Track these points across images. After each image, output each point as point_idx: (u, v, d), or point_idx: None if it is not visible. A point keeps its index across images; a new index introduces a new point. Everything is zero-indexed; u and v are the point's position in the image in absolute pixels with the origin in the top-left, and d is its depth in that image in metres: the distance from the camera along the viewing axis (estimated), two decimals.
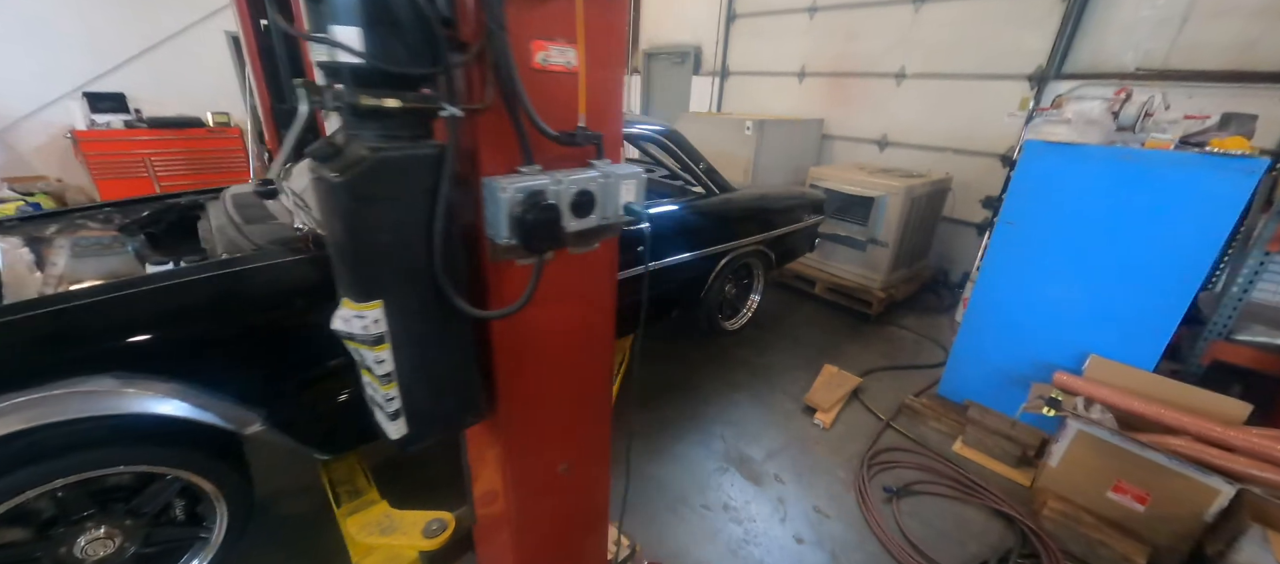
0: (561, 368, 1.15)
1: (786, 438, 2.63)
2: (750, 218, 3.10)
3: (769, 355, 3.40)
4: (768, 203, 3.24)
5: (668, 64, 7.31)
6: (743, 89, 6.25)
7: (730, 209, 2.96)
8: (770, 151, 4.71)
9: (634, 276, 2.44)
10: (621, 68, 1.02)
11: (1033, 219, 2.37)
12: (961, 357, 2.76)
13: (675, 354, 3.32)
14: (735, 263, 3.13)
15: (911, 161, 4.81)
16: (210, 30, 6.24)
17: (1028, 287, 2.44)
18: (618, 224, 1.07)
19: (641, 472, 2.33)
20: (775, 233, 3.30)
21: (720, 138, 4.87)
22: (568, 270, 1.05)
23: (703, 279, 2.94)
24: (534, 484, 1.23)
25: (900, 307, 4.23)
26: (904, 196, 3.75)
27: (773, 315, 3.99)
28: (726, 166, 4.79)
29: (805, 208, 3.60)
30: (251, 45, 2.98)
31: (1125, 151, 2.09)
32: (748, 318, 3.56)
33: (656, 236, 2.51)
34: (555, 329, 1.09)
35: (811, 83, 5.51)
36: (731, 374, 3.15)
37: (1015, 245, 2.45)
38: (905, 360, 3.45)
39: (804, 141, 5.17)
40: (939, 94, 4.59)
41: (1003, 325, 2.56)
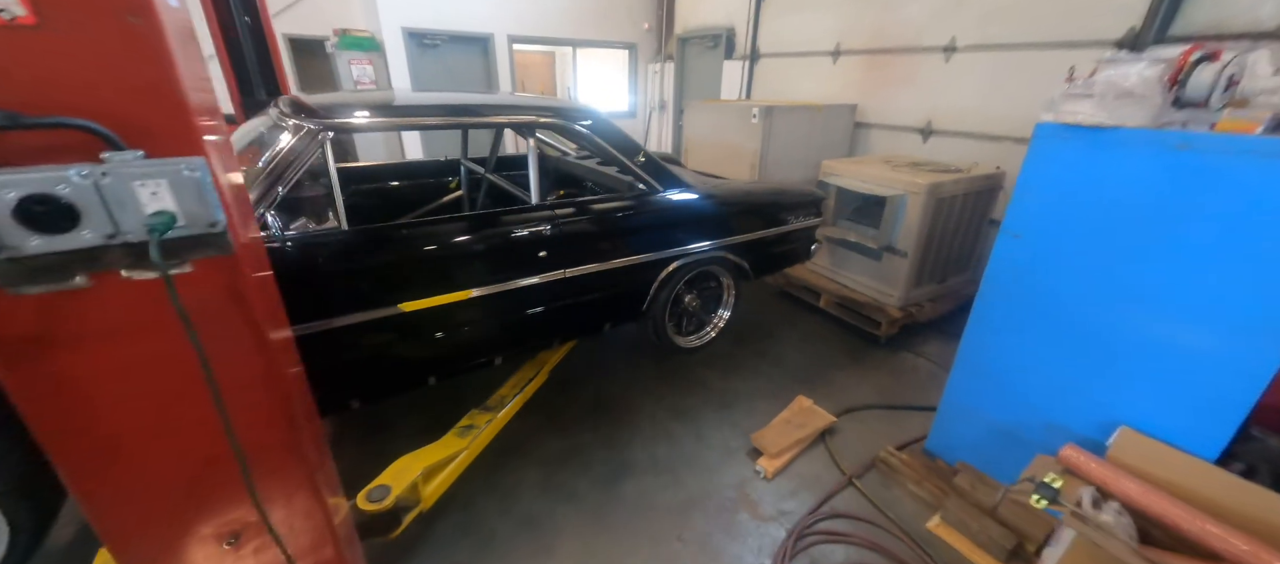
0: (166, 425, 0.89)
1: (713, 485, 2.19)
2: (704, 220, 2.65)
3: (737, 379, 2.93)
4: (731, 203, 2.75)
5: (701, 49, 6.81)
6: (773, 73, 5.62)
7: (675, 210, 2.53)
8: (783, 142, 4.13)
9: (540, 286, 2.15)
10: (151, 15, 0.72)
11: (1045, 230, 1.72)
12: (954, 407, 2.14)
13: (626, 370, 2.96)
14: (688, 272, 2.70)
15: (960, 153, 3.98)
16: None
17: (1038, 322, 1.79)
18: (208, 238, 0.78)
19: (518, 512, 2.03)
20: (743, 238, 2.81)
21: (727, 128, 4.38)
22: (134, 302, 0.78)
23: (641, 291, 2.56)
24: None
25: (924, 330, 3.51)
26: (927, 196, 3.06)
27: (761, 331, 3.47)
28: (732, 160, 4.30)
29: (796, 208, 3.06)
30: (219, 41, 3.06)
31: (1183, 137, 1.41)
32: (711, 336, 3.09)
33: (564, 240, 2.18)
34: (134, 379, 0.83)
35: (847, 63, 4.78)
36: (681, 399, 2.73)
37: (1022, 266, 1.80)
38: (910, 398, 2.80)
39: (829, 131, 4.49)
40: (997, 70, 3.73)
41: (1004, 371, 1.92)
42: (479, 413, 2.09)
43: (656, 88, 7.66)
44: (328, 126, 1.71)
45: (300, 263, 1.66)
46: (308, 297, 1.68)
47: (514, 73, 6.88)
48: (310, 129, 1.69)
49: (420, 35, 5.97)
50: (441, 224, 1.96)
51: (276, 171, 1.63)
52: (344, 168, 3.10)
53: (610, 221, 2.33)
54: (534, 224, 2.10)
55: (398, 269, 1.84)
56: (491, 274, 2.04)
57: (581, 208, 2.27)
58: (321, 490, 1.10)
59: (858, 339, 3.41)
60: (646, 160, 2.48)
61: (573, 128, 2.25)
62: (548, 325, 2.32)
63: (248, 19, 3.15)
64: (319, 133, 1.70)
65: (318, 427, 1.21)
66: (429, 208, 3.13)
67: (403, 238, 1.86)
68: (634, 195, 2.46)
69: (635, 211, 2.41)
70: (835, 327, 3.57)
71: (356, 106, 1.86)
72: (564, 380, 2.80)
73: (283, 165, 1.64)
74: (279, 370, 0.97)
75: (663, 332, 2.80)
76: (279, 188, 1.64)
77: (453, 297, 1.95)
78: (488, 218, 2.06)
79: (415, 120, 1.96)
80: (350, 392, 1.91)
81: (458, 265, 1.97)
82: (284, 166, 1.64)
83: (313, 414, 1.20)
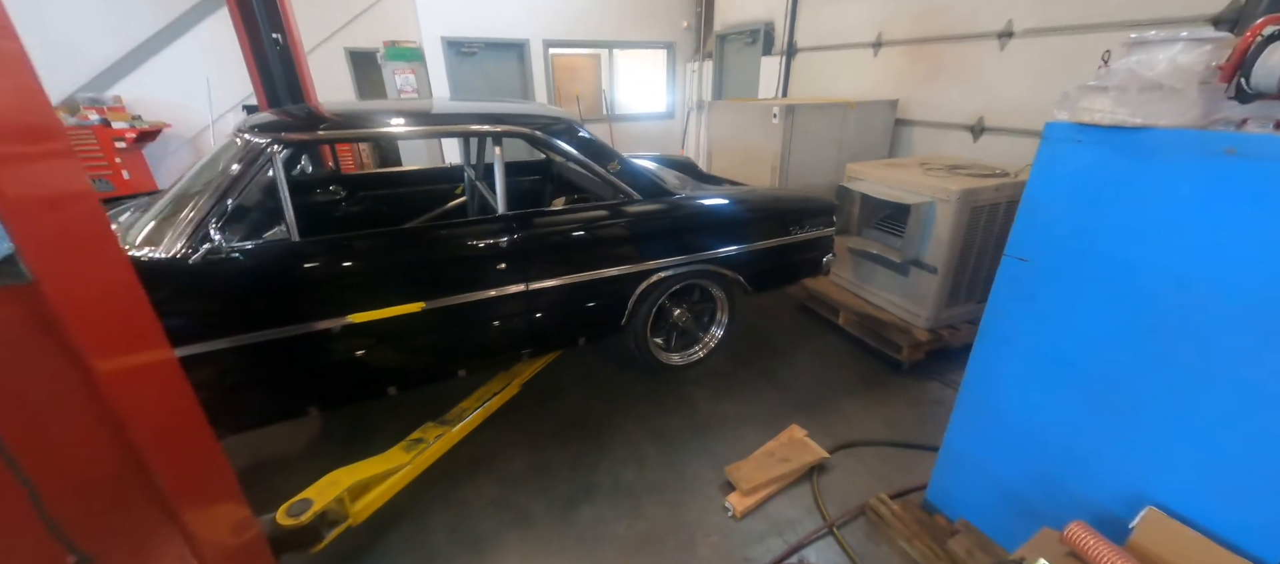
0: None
1: (675, 521, 2.02)
2: (688, 230, 2.46)
3: (730, 402, 2.72)
4: (720, 211, 2.55)
5: (739, 45, 6.52)
6: (811, 68, 5.25)
7: (651, 219, 2.38)
8: (808, 144, 3.82)
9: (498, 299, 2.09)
10: None
11: (1058, 255, 1.40)
12: (956, 455, 1.82)
13: (613, 384, 2.84)
14: (672, 285, 2.54)
15: (1018, 153, 3.48)
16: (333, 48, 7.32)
17: (1051, 366, 1.47)
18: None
19: (466, 531, 1.97)
20: (736, 249, 2.59)
21: (748, 128, 4.13)
22: None
23: (618, 305, 2.43)
24: None
25: (957, 356, 3.08)
26: (959, 204, 2.67)
27: (769, 348, 3.22)
28: (753, 163, 4.04)
29: (803, 217, 2.79)
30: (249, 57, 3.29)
31: (1232, 140, 1.08)
32: (700, 355, 2.89)
33: (523, 252, 2.10)
34: None
35: (889, 54, 4.35)
36: (664, 420, 2.57)
37: (1031, 297, 1.48)
38: (929, 435, 2.46)
39: (865, 130, 4.09)
40: (1059, 57, 3.21)
41: (1012, 420, 1.60)
42: (433, 426, 2.06)
43: (695, 87, 7.45)
44: (277, 141, 1.75)
45: (248, 274, 1.70)
46: (255, 306, 1.72)
47: (550, 77, 6.96)
48: (257, 144, 1.73)
49: (459, 44, 6.18)
50: (388, 236, 1.94)
51: (222, 186, 1.68)
52: (356, 175, 3.24)
53: (575, 232, 2.22)
54: (489, 235, 2.04)
55: (345, 281, 1.85)
56: (444, 287, 2.00)
57: (541, 218, 2.18)
58: (182, 513, 1.09)
59: (877, 363, 3.07)
60: (622, 169, 2.35)
61: (538, 136, 2.17)
62: (512, 340, 2.25)
63: (277, 36, 3.36)
64: (267, 147, 1.73)
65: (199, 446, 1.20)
66: (433, 214, 3.18)
67: (349, 250, 1.86)
68: (604, 204, 2.34)
69: (604, 221, 2.29)
70: (853, 348, 3.23)
71: (319, 120, 1.90)
72: (546, 391, 2.74)
73: (230, 179, 1.69)
74: (116, 397, 0.95)
75: (645, 348, 2.65)
76: (228, 200, 1.69)
77: (402, 309, 1.93)
78: (439, 229, 2.03)
79: (374, 131, 1.97)
80: (304, 399, 1.94)
81: (408, 278, 1.94)
82: (231, 180, 1.69)
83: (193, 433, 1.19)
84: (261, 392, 1.85)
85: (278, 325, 1.76)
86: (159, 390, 1.10)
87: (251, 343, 1.73)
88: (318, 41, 7.08)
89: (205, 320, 1.66)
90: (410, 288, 1.95)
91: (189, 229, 1.63)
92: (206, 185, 1.70)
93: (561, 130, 2.23)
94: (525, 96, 6.85)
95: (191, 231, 1.63)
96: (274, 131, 1.75)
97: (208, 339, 1.66)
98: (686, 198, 2.49)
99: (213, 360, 1.68)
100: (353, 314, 1.86)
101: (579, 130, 2.30)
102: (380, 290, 1.90)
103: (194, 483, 1.19)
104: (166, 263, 1.61)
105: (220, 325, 1.68)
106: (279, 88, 3.37)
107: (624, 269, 2.33)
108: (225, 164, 1.72)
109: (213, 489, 1.28)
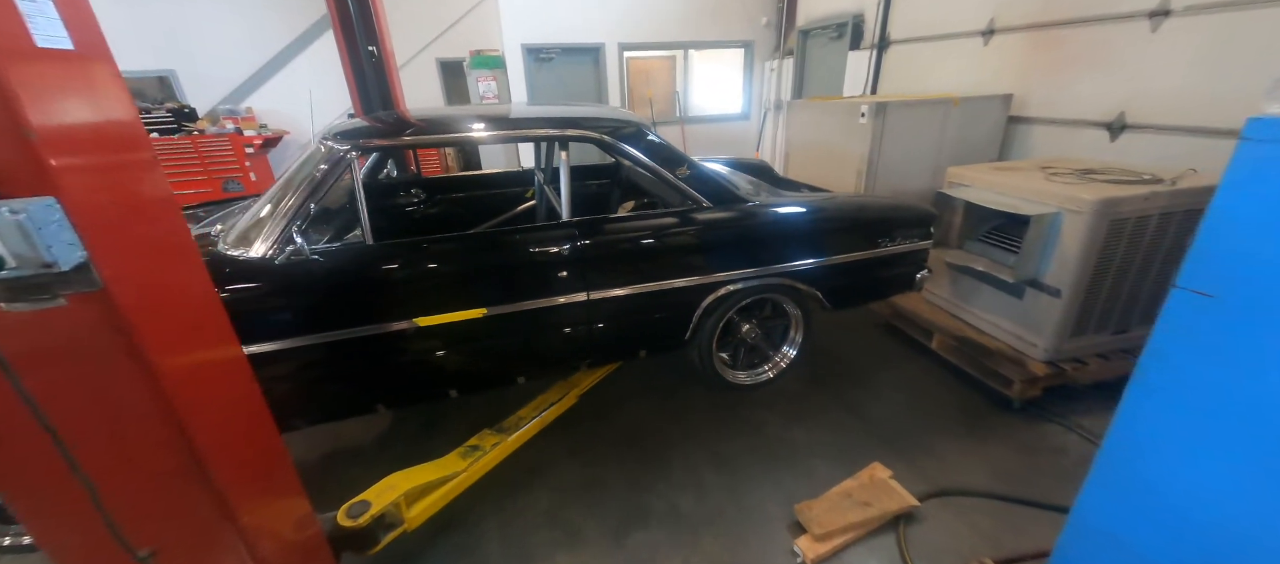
0: (88, 440, 0.93)
1: (734, 560, 1.85)
2: (762, 241, 2.27)
3: (801, 428, 2.48)
4: (798, 221, 2.33)
5: (824, 41, 6.12)
6: (905, 62, 4.78)
7: (721, 228, 2.21)
8: (901, 145, 3.45)
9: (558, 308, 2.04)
10: None
11: (1258, 290, 1.06)
12: (1089, 527, 1.48)
13: (674, 399, 2.70)
14: (742, 299, 2.35)
15: (1167, 154, 2.90)
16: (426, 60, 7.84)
17: (1236, 433, 1.12)
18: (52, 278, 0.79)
19: (517, 543, 1.93)
20: (815, 263, 2.35)
21: (831, 129, 3.81)
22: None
23: (681, 318, 2.29)
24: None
25: (1084, 395, 2.61)
26: (1094, 216, 2.25)
27: (849, 370, 2.92)
28: (836, 167, 3.73)
29: (895, 228, 2.49)
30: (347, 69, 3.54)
31: None
32: (770, 375, 2.66)
33: (586, 260, 2.03)
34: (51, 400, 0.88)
35: (1003, 43, 3.83)
36: (726, 444, 2.39)
37: (1211, 343, 1.15)
38: (1045, 490, 2.07)
39: (970, 129, 3.62)
40: (1231, 35, 2.62)
41: (1172, 494, 1.25)
42: (490, 434, 2.04)
43: (773, 87, 7.11)
44: (356, 147, 1.80)
45: (325, 275, 1.77)
46: (330, 306, 1.79)
47: (624, 81, 6.96)
48: (337, 150, 1.79)
49: (536, 50, 6.35)
50: (453, 242, 1.95)
51: (305, 191, 1.75)
52: (434, 179, 3.37)
53: (639, 240, 2.11)
54: (552, 242, 1.98)
55: (412, 285, 1.87)
56: (506, 293, 1.97)
57: (605, 225, 2.10)
58: (242, 509, 1.10)
59: (979, 397, 2.67)
60: (691, 174, 2.21)
61: (605, 140, 2.09)
62: (571, 349, 2.19)
63: (372, 48, 3.59)
64: (346, 153, 1.79)
65: (263, 445, 1.23)
66: (502, 218, 3.23)
67: (416, 254, 1.88)
68: (671, 212, 2.21)
69: (671, 229, 2.16)
70: (950, 377, 2.84)
71: (397, 127, 1.95)
72: (603, 402, 2.66)
73: (312, 185, 1.76)
74: (181, 396, 0.97)
75: (709, 364, 2.48)
76: (311, 204, 1.76)
77: (465, 314, 1.92)
78: (502, 235, 2.01)
79: (444, 136, 1.99)
80: (372, 397, 2.00)
81: (471, 283, 1.94)
82: (313, 186, 1.76)
83: (258, 433, 1.22)
84: (334, 387, 1.93)
85: (350, 325, 1.81)
86: (225, 389, 1.13)
87: (326, 341, 1.79)
88: (412, 54, 7.62)
89: (288, 318, 1.74)
90: (473, 293, 1.94)
91: (275, 232, 1.72)
92: (293, 190, 1.79)
93: (629, 134, 2.14)
94: (599, 100, 6.90)
95: (278, 234, 1.72)
96: (352, 139, 1.81)
97: (289, 336, 1.74)
98: (760, 205, 2.30)
99: (292, 356, 1.76)
100: (418, 317, 1.88)
101: (648, 133, 2.19)
102: (445, 295, 1.91)
103: (256, 479, 1.22)
104: (254, 263, 1.70)
105: (300, 323, 1.76)
106: (372, 96, 3.60)
107: (690, 281, 2.19)
108: (309, 170, 1.80)
109: (275, 485, 1.31)
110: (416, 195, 3.16)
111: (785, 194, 2.56)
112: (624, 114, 2.27)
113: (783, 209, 2.33)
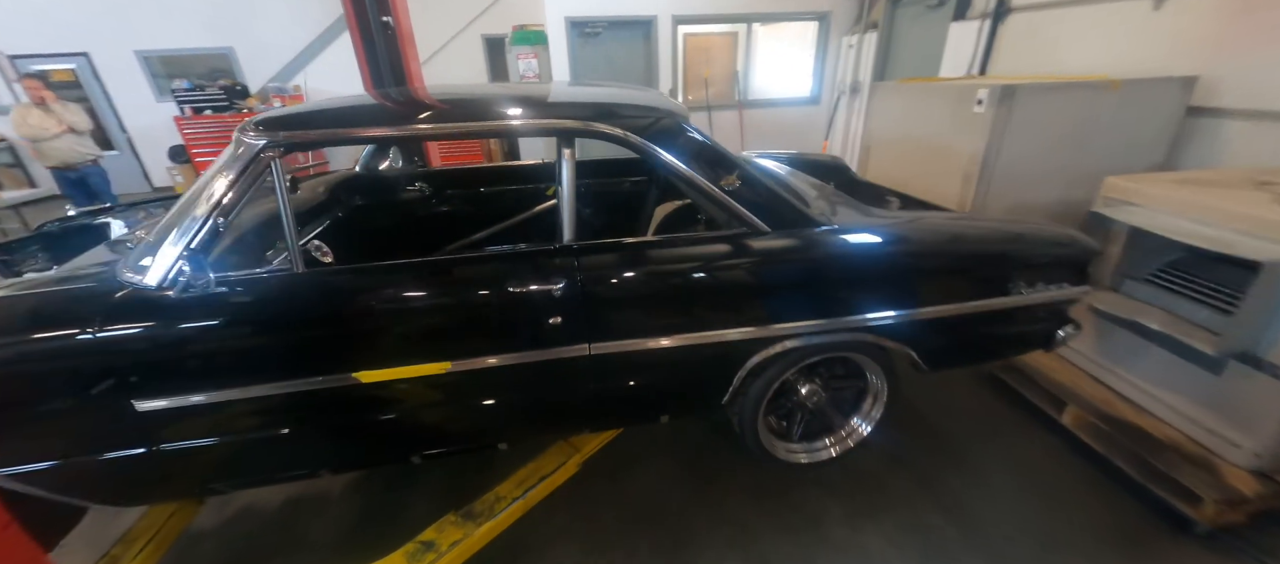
0: None
1: None
2: (834, 280, 1.61)
3: (872, 528, 1.83)
4: (883, 258, 1.64)
5: (918, 11, 5.15)
6: (1028, 35, 3.81)
7: (780, 262, 1.58)
8: (1027, 141, 2.61)
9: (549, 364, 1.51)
10: None
11: None
12: None
13: (702, 468, 2.11)
14: (805, 357, 1.72)
15: None
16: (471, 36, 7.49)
17: None
18: None
19: None
20: (912, 315, 1.67)
21: (930, 119, 3.01)
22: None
23: (720, 377, 1.69)
24: None
25: None
26: None
27: (940, 444, 2.22)
28: (935, 169, 2.93)
29: (1034, 270, 1.74)
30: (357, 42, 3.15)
31: None
32: (834, 453, 2.00)
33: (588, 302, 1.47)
34: None
35: (1182, 7, 2.84)
36: (772, 540, 1.79)
37: None
38: None
39: (1131, 123, 2.70)
40: None
41: None
42: (453, 524, 1.56)
43: (851, 66, 6.16)
44: (272, 145, 1.32)
45: (238, 314, 1.32)
46: (242, 355, 1.35)
47: (678, 57, 6.26)
48: (252, 146, 1.32)
49: (582, 24, 5.77)
50: (409, 271, 1.44)
51: (212, 204, 1.30)
52: (442, 171, 2.91)
53: (665, 277, 1.53)
54: (539, 275, 1.44)
55: (353, 328, 1.40)
56: (475, 344, 1.46)
57: (619, 253, 1.53)
58: None
59: (1138, 508, 1.90)
60: (744, 183, 1.58)
61: (618, 136, 1.50)
62: (566, 414, 1.67)
63: (387, 20, 3.17)
64: (260, 152, 1.32)
65: None
66: (517, 220, 2.73)
67: (359, 287, 1.40)
68: (714, 236, 1.60)
69: (712, 262, 1.55)
70: (1090, 468, 2.07)
71: (321, 120, 1.45)
72: (614, 463, 2.12)
73: (218, 196, 1.31)
74: None
75: (752, 434, 1.87)
76: (219, 220, 1.31)
77: (420, 369, 1.43)
78: (468, 264, 1.49)
79: (384, 133, 1.46)
80: (310, 462, 1.57)
81: (429, 327, 1.44)
82: (219, 197, 1.31)
83: None
84: (259, 451, 1.50)
85: (269, 379, 1.37)
86: None
87: (240, 398, 1.36)
88: (457, 30, 7.28)
89: (194, 366, 1.32)
90: (434, 341, 1.44)
91: (172, 255, 1.28)
92: (202, 198, 1.35)
93: (657, 129, 1.53)
94: (648, 82, 6.26)
95: (175, 259, 1.28)
96: (272, 131, 1.33)
97: (196, 390, 1.33)
98: (838, 230, 1.63)
99: (200, 413, 1.35)
100: (361, 371, 1.41)
101: (685, 128, 1.58)
102: (396, 342, 1.43)
103: None
104: (147, 296, 1.28)
105: (207, 374, 1.33)
106: (383, 70, 3.19)
107: (733, 334, 1.58)
108: (220, 172, 1.35)
109: None
110: (421, 190, 2.71)
111: (874, 212, 1.87)
112: (652, 99, 1.67)
113: (872, 237, 1.66)
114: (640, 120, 1.53)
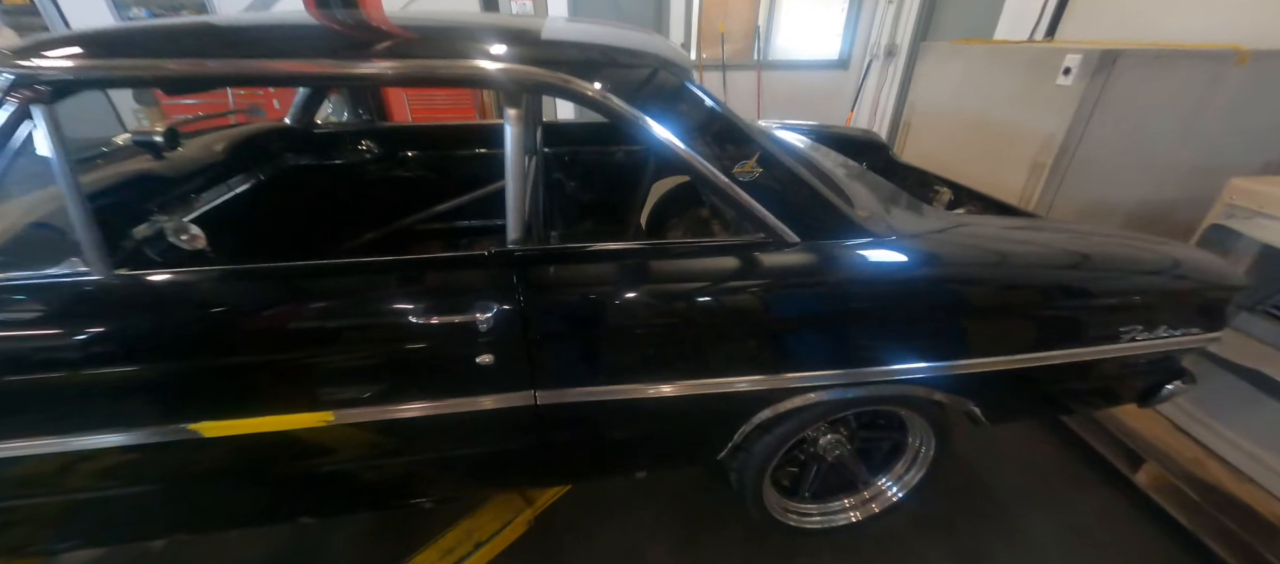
0: None
1: None
2: (881, 317, 1.15)
3: None
4: (960, 285, 1.16)
5: None
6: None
7: (807, 287, 1.11)
8: (1123, 123, 2.08)
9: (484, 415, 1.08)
10: None
11: None
12: None
13: (687, 520, 1.71)
14: (831, 412, 1.28)
15: None
16: None
17: None
18: None
19: None
20: (981, 365, 1.21)
21: (994, 90, 2.47)
22: None
23: (715, 432, 1.26)
24: None
25: None
26: None
27: (984, 503, 1.80)
28: (997, 155, 2.40)
29: (1149, 310, 1.25)
30: None
31: None
32: (855, 519, 1.58)
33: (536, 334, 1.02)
34: None
35: None
36: None
37: None
38: None
39: (1257, 108, 2.14)
40: None
41: None
42: None
43: (888, 26, 5.46)
44: (30, 79, 0.84)
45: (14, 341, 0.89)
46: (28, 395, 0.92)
47: (693, 10, 5.57)
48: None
49: None
50: (267, 277, 0.99)
51: None
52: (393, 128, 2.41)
53: (646, 301, 1.06)
54: (463, 298, 0.98)
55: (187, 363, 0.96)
56: (370, 391, 1.02)
57: (577, 268, 1.06)
58: None
59: None
60: (768, 171, 1.09)
61: (576, 92, 0.99)
62: (506, 470, 1.25)
63: None
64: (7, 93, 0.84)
65: None
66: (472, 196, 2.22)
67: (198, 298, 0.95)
68: (719, 243, 1.13)
69: (715, 283, 1.08)
70: (1171, 545, 1.66)
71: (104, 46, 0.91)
72: (574, 512, 1.70)
73: None
74: None
75: (754, 494, 1.45)
76: None
77: (292, 421, 1.00)
78: (353, 273, 1.02)
79: (195, 69, 0.93)
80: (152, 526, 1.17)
81: (301, 366, 1.00)
82: None
83: None
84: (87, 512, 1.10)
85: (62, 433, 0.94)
86: None
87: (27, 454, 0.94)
88: None
89: None
90: (304, 383, 1.01)
91: None
92: None
93: (647, 89, 1.03)
94: (659, 32, 5.58)
95: None
96: (34, 58, 0.85)
97: None
98: (898, 245, 1.15)
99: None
100: (199, 422, 0.98)
101: (687, 88, 1.08)
102: (250, 382, 0.99)
103: None
104: None
105: None
106: None
107: (737, 382, 1.14)
108: None
109: None
110: (368, 150, 2.21)
111: (942, 214, 1.38)
112: (651, 44, 1.16)
113: (952, 258, 1.17)
114: (620, 74, 1.02)
